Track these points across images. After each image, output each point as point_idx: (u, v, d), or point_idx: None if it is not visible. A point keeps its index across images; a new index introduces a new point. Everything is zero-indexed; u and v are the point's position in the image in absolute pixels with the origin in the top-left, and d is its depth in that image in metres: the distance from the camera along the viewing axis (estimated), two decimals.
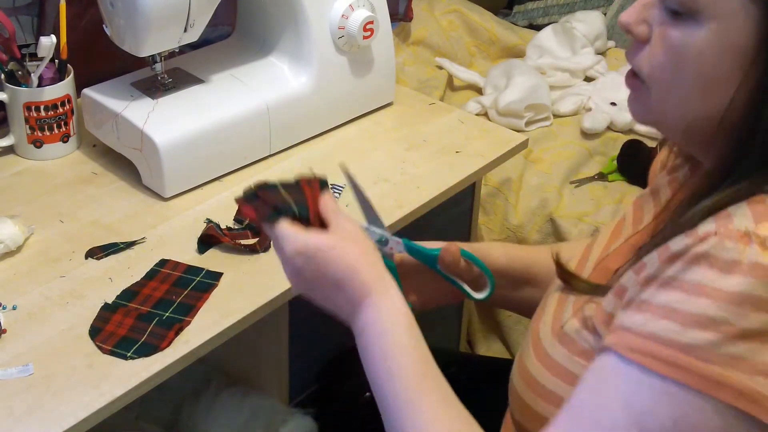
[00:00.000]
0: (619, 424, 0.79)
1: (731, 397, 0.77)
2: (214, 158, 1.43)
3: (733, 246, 0.78)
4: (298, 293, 0.99)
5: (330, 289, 0.95)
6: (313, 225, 0.96)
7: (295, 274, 0.96)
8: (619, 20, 0.89)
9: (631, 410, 0.79)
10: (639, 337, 0.80)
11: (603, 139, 1.98)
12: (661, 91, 0.87)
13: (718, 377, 0.77)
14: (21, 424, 1.01)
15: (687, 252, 0.79)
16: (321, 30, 1.50)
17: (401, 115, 1.65)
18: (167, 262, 1.26)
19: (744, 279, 0.76)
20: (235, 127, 1.44)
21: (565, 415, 0.84)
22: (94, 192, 1.41)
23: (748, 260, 0.77)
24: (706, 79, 0.83)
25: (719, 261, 0.78)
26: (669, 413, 0.78)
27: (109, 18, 1.39)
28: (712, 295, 0.77)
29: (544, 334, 0.97)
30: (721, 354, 0.77)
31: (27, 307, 1.17)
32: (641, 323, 0.80)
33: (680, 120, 0.87)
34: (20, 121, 1.45)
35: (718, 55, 0.81)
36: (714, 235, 0.79)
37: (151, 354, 1.11)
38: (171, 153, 1.37)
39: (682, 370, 0.78)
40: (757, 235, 0.78)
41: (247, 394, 1.37)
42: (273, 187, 0.99)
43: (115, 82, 1.48)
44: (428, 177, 1.47)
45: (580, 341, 0.92)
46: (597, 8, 2.46)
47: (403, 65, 2.11)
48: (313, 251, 0.93)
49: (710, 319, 0.77)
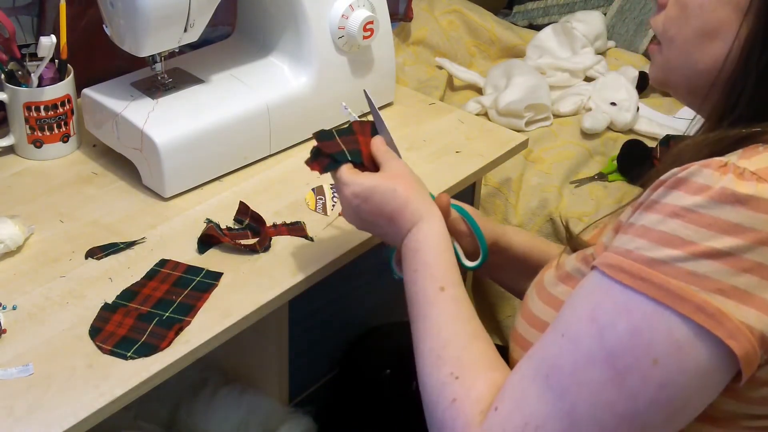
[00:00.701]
0: (583, 333, 0.84)
1: (690, 310, 0.80)
2: (214, 158, 1.43)
3: (710, 173, 0.82)
4: (357, 228, 1.15)
5: (385, 223, 1.09)
6: (367, 167, 1.13)
7: (353, 213, 1.12)
8: None
9: (596, 321, 0.84)
10: (616, 254, 0.85)
11: (603, 139, 1.98)
12: (669, 46, 0.94)
13: (679, 290, 0.80)
14: (21, 424, 1.01)
15: (670, 178, 0.84)
16: (321, 30, 1.50)
17: (401, 115, 1.65)
18: (167, 262, 1.26)
19: (711, 201, 0.81)
20: (235, 127, 1.44)
21: (549, 328, 0.90)
22: (94, 192, 1.41)
23: (720, 185, 0.81)
24: (705, 30, 0.90)
25: (694, 184, 0.82)
26: (626, 325, 0.82)
27: (109, 18, 1.39)
28: (681, 215, 0.82)
29: (549, 278, 1.02)
30: (684, 270, 0.81)
31: (27, 307, 1.17)
32: (622, 243, 0.85)
33: (684, 73, 0.93)
34: (20, 121, 1.45)
35: (717, 7, 0.88)
36: (698, 164, 0.84)
37: (151, 354, 1.11)
38: (171, 153, 1.37)
39: (646, 283, 0.82)
40: (737, 166, 0.82)
41: (244, 392, 1.37)
42: (330, 136, 1.14)
43: (115, 82, 1.48)
44: (428, 177, 1.46)
45: (578, 276, 0.96)
46: (597, 8, 2.46)
47: (403, 65, 2.11)
48: (370, 192, 1.09)
49: (678, 238, 0.81)
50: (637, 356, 0.81)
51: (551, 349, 0.87)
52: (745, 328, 0.80)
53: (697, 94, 0.94)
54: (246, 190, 1.43)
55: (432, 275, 1.02)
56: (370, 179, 1.09)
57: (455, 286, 1.01)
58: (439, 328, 0.98)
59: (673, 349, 0.80)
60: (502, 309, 1.84)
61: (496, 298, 1.84)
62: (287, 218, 1.36)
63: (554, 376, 0.85)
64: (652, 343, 0.81)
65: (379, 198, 1.09)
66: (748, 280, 0.80)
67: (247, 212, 1.35)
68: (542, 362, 0.87)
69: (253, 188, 1.43)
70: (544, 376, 0.86)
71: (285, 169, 1.48)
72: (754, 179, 0.81)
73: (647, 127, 1.98)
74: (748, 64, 0.87)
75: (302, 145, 1.54)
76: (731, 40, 0.88)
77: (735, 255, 0.80)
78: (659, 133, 1.94)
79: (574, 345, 0.84)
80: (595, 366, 0.83)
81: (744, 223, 0.80)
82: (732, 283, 0.80)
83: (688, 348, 0.80)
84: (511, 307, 1.83)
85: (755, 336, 0.80)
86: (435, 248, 1.04)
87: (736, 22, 0.87)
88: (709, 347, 0.80)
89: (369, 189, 1.09)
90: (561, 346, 0.86)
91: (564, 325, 0.87)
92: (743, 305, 0.80)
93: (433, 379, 0.94)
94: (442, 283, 1.01)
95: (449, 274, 1.02)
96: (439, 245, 1.05)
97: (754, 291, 0.80)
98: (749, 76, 0.87)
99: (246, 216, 1.34)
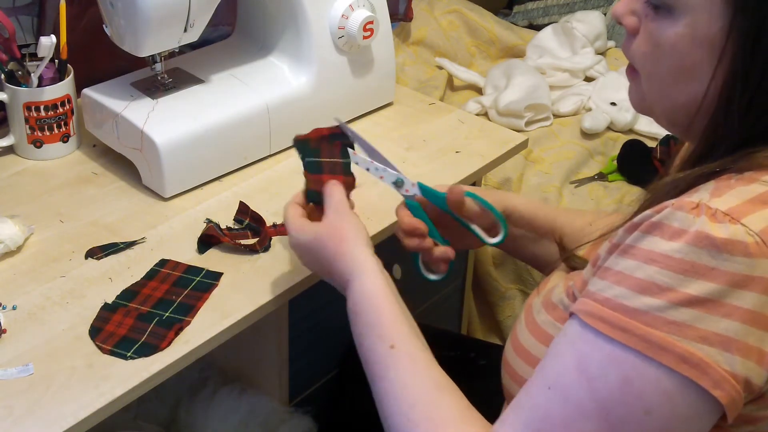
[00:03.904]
0: (573, 385, 0.83)
1: (673, 361, 0.79)
2: (214, 158, 1.43)
3: (683, 216, 0.81)
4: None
5: (327, 276, 1.10)
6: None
7: (298, 257, 1.13)
8: (611, 11, 0.95)
9: (585, 373, 0.82)
10: (596, 302, 0.84)
11: (603, 139, 1.98)
12: (647, 80, 0.93)
13: (661, 341, 0.79)
14: (21, 424, 1.01)
15: (643, 221, 0.83)
16: (321, 30, 1.50)
17: (401, 115, 1.65)
18: (167, 262, 1.26)
19: (687, 246, 0.80)
20: (235, 127, 1.44)
21: (534, 375, 0.87)
22: (94, 192, 1.41)
23: (695, 229, 0.80)
24: (681, 70, 0.88)
25: (669, 229, 0.81)
26: (617, 377, 0.81)
27: (109, 18, 1.39)
28: (658, 261, 0.81)
29: (536, 304, 1.01)
30: (665, 319, 0.80)
31: (27, 307, 1.17)
32: (599, 289, 0.84)
33: (664, 107, 0.93)
34: (20, 121, 1.45)
35: (691, 48, 0.86)
36: (671, 206, 0.82)
37: (151, 354, 1.11)
38: (171, 153, 1.37)
39: (629, 334, 0.80)
40: (708, 207, 0.81)
41: (244, 392, 1.37)
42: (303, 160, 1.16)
43: (115, 82, 1.48)
44: (428, 177, 1.46)
45: (561, 308, 0.95)
46: (597, 8, 2.46)
47: (403, 65, 2.11)
48: (305, 246, 1.10)
49: (656, 285, 0.80)
50: (629, 408, 0.80)
51: (539, 401, 0.85)
52: (729, 376, 0.79)
53: (678, 126, 0.93)
54: (246, 190, 1.43)
55: (378, 335, 0.98)
56: (307, 233, 1.09)
57: (405, 340, 0.98)
58: (401, 388, 0.94)
59: (664, 399, 0.80)
60: (502, 309, 1.84)
61: (496, 299, 1.83)
62: None
63: (546, 431, 0.83)
64: (643, 393, 0.80)
65: (309, 254, 1.10)
66: (729, 326, 0.79)
67: (247, 212, 1.35)
68: (531, 415, 0.85)
69: (253, 188, 1.43)
70: (536, 430, 0.84)
71: (285, 169, 1.48)
72: (726, 220, 0.80)
73: (647, 127, 1.98)
74: (730, 103, 0.85)
75: None
76: (707, 80, 0.86)
77: (714, 300, 0.79)
78: (659, 133, 1.94)
79: (563, 398, 0.83)
80: (587, 419, 0.81)
81: (720, 266, 0.79)
82: (713, 330, 0.79)
83: (677, 398, 0.80)
84: (511, 307, 1.83)
85: (739, 382, 0.80)
86: (373, 307, 1.01)
87: (711, 63, 0.85)
88: (695, 396, 0.80)
89: (304, 243, 1.09)
90: (549, 399, 0.84)
91: (550, 376, 0.85)
92: (726, 352, 0.79)
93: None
94: (390, 341, 0.97)
95: (395, 329, 0.98)
96: (376, 302, 1.01)
97: (737, 336, 0.79)
98: (731, 114, 0.85)
99: (246, 216, 1.34)
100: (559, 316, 0.95)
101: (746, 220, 0.80)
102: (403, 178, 1.17)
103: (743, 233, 0.79)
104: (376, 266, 1.04)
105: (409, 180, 1.17)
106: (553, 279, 1.05)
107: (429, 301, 1.64)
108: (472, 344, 1.56)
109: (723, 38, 0.84)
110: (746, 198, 0.82)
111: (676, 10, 0.86)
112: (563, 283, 1.00)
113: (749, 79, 0.84)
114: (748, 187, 0.83)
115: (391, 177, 1.17)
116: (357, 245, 1.06)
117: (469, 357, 1.41)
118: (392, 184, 1.17)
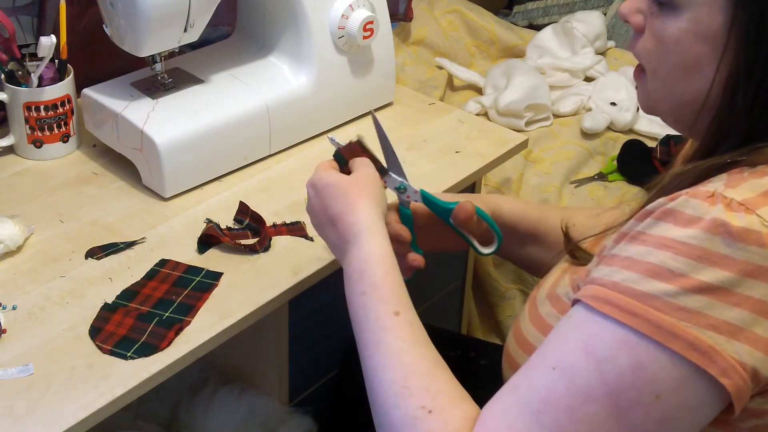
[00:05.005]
0: (580, 366, 0.82)
1: (683, 348, 0.79)
2: (214, 158, 1.43)
3: (698, 204, 0.81)
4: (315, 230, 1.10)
5: (327, 223, 1.05)
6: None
7: (308, 206, 1.09)
8: (618, 11, 0.95)
9: (592, 356, 0.82)
10: (603, 287, 0.83)
11: (603, 139, 1.98)
12: (653, 78, 0.93)
13: (672, 327, 0.79)
14: (21, 424, 1.01)
15: (657, 208, 0.83)
16: (321, 30, 1.50)
17: (401, 115, 1.65)
18: (167, 262, 1.26)
19: (702, 233, 0.80)
20: (235, 127, 1.44)
21: (533, 357, 0.86)
22: (94, 192, 1.41)
23: (711, 216, 0.80)
24: (685, 65, 0.89)
25: (683, 216, 0.81)
26: (628, 361, 0.80)
27: (109, 18, 1.39)
28: (671, 247, 0.81)
29: (540, 296, 1.01)
30: (676, 305, 0.80)
31: (27, 307, 1.17)
32: (605, 274, 0.84)
33: (669, 104, 0.93)
34: (20, 121, 1.45)
35: (694, 43, 0.87)
36: (685, 194, 0.83)
37: (151, 354, 1.11)
38: (171, 153, 1.37)
39: (640, 319, 0.80)
40: (724, 196, 0.82)
41: (244, 392, 1.37)
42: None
43: (115, 82, 1.48)
44: (428, 177, 1.47)
45: (566, 300, 0.95)
46: (597, 8, 2.46)
47: (403, 65, 2.11)
48: (323, 186, 1.05)
49: (668, 270, 0.80)
50: (640, 391, 0.80)
51: (541, 382, 0.83)
52: (737, 364, 0.79)
53: (684, 123, 0.93)
54: (246, 190, 1.43)
55: (383, 298, 0.95)
56: (332, 176, 1.06)
57: (409, 310, 0.95)
58: (399, 356, 0.91)
59: (675, 384, 0.80)
60: (502, 309, 1.84)
61: (496, 298, 1.84)
62: (287, 218, 1.36)
63: (548, 412, 0.82)
64: (655, 379, 0.80)
65: (328, 195, 1.05)
66: (739, 315, 0.79)
67: (247, 212, 1.35)
68: (531, 396, 0.83)
69: (253, 188, 1.43)
70: (535, 411, 0.82)
71: (285, 169, 1.48)
72: (742, 210, 0.80)
73: (647, 127, 1.98)
74: (734, 98, 0.86)
75: (302, 145, 1.54)
76: (711, 75, 0.87)
77: (726, 289, 0.79)
78: (659, 133, 1.94)
79: (568, 379, 0.82)
80: (594, 401, 0.81)
81: (734, 255, 0.79)
82: (724, 318, 0.79)
83: (687, 384, 0.80)
84: (511, 307, 1.83)
85: (747, 371, 0.80)
86: (382, 268, 0.97)
87: (714, 59, 0.86)
88: (703, 383, 0.80)
89: (324, 183, 1.05)
90: (554, 380, 0.82)
91: (554, 356, 0.84)
92: (735, 340, 0.79)
93: (401, 413, 0.87)
94: (396, 307, 0.94)
95: (402, 297, 0.96)
96: (386, 264, 0.98)
97: (746, 325, 0.79)
98: (736, 109, 0.86)
99: (246, 216, 1.34)
100: (563, 309, 0.95)
101: (761, 211, 0.81)
102: (406, 184, 1.14)
103: (759, 224, 0.80)
104: (387, 234, 1.01)
105: (413, 187, 1.15)
106: (557, 271, 1.04)
107: (429, 301, 1.64)
108: (472, 344, 1.56)
109: (725, 33, 0.85)
110: (761, 191, 0.83)
111: (679, 5, 0.87)
112: (568, 276, 1.00)
113: (753, 74, 0.85)
114: (761, 180, 0.84)
115: (394, 182, 1.14)
116: (375, 206, 1.03)
117: (469, 357, 1.41)
118: (394, 189, 1.14)
